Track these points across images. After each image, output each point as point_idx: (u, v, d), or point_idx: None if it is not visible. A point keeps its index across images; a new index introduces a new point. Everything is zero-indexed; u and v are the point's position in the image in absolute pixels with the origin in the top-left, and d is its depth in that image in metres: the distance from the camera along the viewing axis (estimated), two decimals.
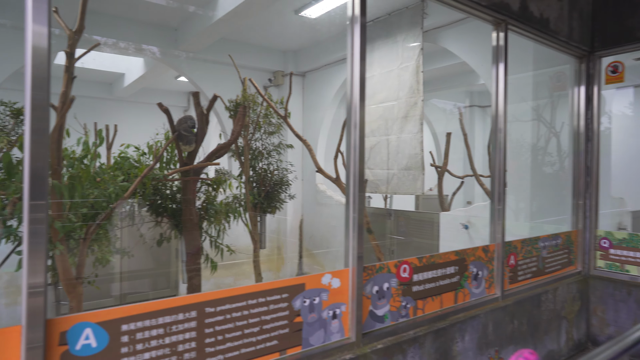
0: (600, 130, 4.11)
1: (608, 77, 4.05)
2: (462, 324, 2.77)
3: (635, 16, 3.83)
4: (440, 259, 2.75)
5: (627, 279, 3.72)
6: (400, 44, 5.38)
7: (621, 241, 3.81)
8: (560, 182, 4.36)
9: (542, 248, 3.55)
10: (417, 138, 5.22)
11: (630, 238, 3.76)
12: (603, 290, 3.82)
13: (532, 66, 4.86)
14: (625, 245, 3.77)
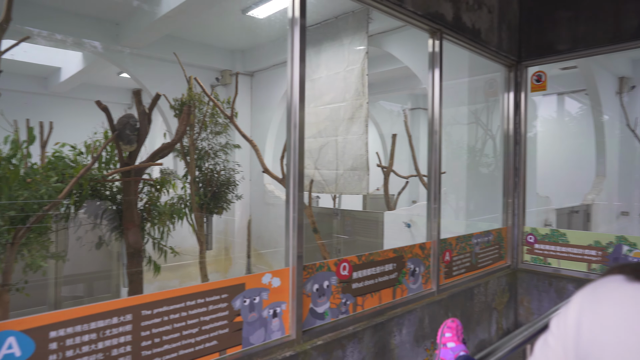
0: (527, 133, 4.44)
1: (533, 85, 4.38)
2: (399, 318, 2.91)
3: (555, 31, 4.17)
4: (379, 256, 2.86)
5: (549, 271, 4.05)
6: (346, 47, 5.50)
7: (544, 236, 4.13)
8: (495, 182, 4.65)
9: (475, 244, 3.78)
10: (362, 139, 5.36)
11: (552, 233, 4.10)
12: (529, 282, 4.13)
13: (468, 73, 5.15)
14: (548, 240, 4.10)
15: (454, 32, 3.55)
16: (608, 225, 6.68)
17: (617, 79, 7.27)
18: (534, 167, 4.95)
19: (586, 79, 6.79)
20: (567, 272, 3.96)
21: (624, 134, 6.92)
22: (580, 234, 3.97)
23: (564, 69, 7.29)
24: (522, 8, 4.41)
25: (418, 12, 3.19)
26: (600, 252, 3.80)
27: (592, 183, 6.90)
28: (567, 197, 6.71)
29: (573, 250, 3.94)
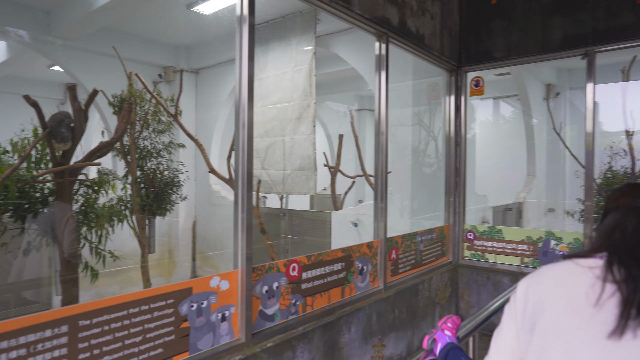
0: (467, 135, 4.67)
1: (472, 89, 4.62)
2: (348, 317, 2.95)
3: (491, 39, 4.42)
4: (328, 256, 2.88)
5: (487, 266, 4.28)
6: (294, 47, 5.49)
7: (483, 233, 4.37)
8: (437, 181, 4.85)
9: (419, 242, 3.92)
10: (310, 139, 5.38)
11: (489, 230, 4.34)
12: (469, 277, 4.35)
13: (413, 76, 5.33)
14: (486, 236, 4.33)
15: (399, 37, 3.66)
16: (538, 221, 7.18)
17: (544, 85, 7.84)
18: (473, 168, 5.22)
19: (518, 85, 7.26)
20: (502, 266, 4.21)
21: (551, 137, 7.47)
22: (514, 230, 4.24)
23: (498, 75, 7.74)
24: (461, 16, 4.63)
25: (365, 16, 3.24)
26: (532, 247, 4.08)
27: (523, 182, 7.40)
28: (502, 196, 7.13)
29: (508, 246, 4.19)
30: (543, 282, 0.89)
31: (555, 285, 0.86)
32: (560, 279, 0.87)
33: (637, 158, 5.20)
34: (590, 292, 0.81)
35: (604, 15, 3.86)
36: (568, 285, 0.85)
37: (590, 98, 3.96)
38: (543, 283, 0.89)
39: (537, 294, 0.88)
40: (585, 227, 3.86)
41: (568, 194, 7.40)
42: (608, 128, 6.40)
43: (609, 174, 5.34)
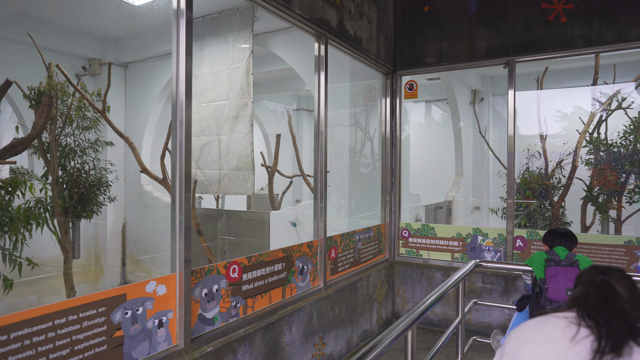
0: (401, 136, 4.85)
1: (406, 92, 4.81)
2: (289, 317, 2.94)
3: (424, 45, 4.64)
4: (268, 257, 2.86)
5: (421, 262, 4.48)
6: (231, 44, 5.37)
7: (417, 231, 4.56)
8: (373, 181, 4.98)
9: (358, 241, 4.01)
10: (247, 139, 5.29)
11: (423, 228, 4.54)
12: (404, 273, 4.53)
13: (350, 77, 5.43)
14: (420, 234, 4.53)
15: (338, 38, 3.72)
16: (465, 218, 7.64)
17: (470, 91, 8.36)
18: (407, 168, 5.43)
19: (447, 90, 7.67)
20: (435, 262, 4.43)
21: (476, 139, 7.99)
22: (446, 228, 4.48)
23: (429, 79, 8.13)
24: (397, 22, 4.81)
25: (305, 16, 3.26)
26: (461, 243, 4.34)
27: (452, 182, 7.84)
28: (433, 195, 7.50)
29: (440, 242, 4.42)
30: (530, 341, 1.07)
31: (538, 337, 1.06)
32: (542, 329, 1.07)
33: (549, 160, 5.71)
34: (567, 331, 1.02)
35: (522, 29, 4.20)
36: (547, 328, 1.06)
37: (511, 104, 4.29)
38: (530, 342, 1.07)
39: (524, 354, 1.05)
40: (508, 223, 4.18)
41: (492, 192, 7.96)
42: (525, 132, 6.97)
43: (526, 174, 5.81)
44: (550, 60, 5.78)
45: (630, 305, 1.07)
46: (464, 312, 2.90)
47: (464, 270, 2.87)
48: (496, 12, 4.32)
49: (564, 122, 6.82)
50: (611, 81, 5.77)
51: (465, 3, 4.45)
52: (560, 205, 5.43)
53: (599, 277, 1.15)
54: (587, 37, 3.93)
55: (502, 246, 4.15)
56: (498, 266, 3.27)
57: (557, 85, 6.81)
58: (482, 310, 4.09)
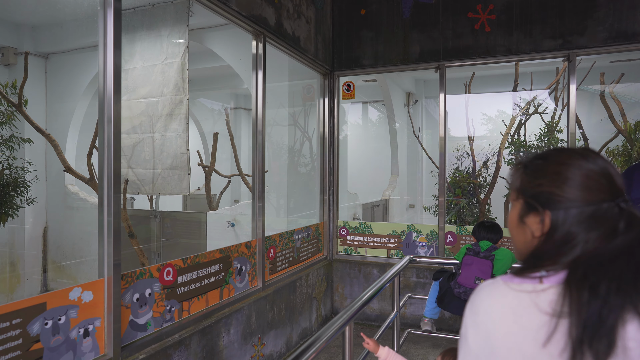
0: (339, 136, 4.93)
1: (344, 93, 4.90)
2: (227, 319, 2.88)
3: (360, 48, 4.75)
4: (205, 258, 2.78)
5: (358, 259, 4.59)
6: (165, 38, 5.16)
7: (354, 229, 4.66)
8: (312, 180, 5.02)
9: (296, 240, 4.02)
10: (182, 137, 5.11)
11: (360, 226, 4.65)
12: (342, 271, 4.61)
13: (289, 77, 5.43)
14: (357, 231, 4.64)
15: (276, 37, 3.70)
16: (401, 216, 7.93)
17: (405, 93, 8.69)
18: (345, 167, 5.53)
19: (383, 92, 7.92)
20: (372, 259, 4.55)
21: (410, 140, 8.32)
22: (382, 225, 4.62)
23: (366, 81, 8.34)
24: (334, 23, 4.88)
25: (242, 13, 3.21)
26: (397, 239, 4.50)
27: (388, 181, 8.10)
28: (370, 193, 7.71)
29: (377, 240, 4.55)
30: (488, 326, 0.77)
31: (499, 328, 0.76)
32: (505, 321, 0.75)
33: (477, 160, 6.09)
34: (540, 333, 0.72)
35: (452, 36, 4.44)
36: (513, 329, 0.75)
37: (442, 106, 4.52)
38: (489, 327, 0.77)
39: (482, 342, 0.78)
40: (439, 220, 4.39)
41: (425, 191, 8.33)
42: (455, 133, 7.37)
43: (456, 174, 6.15)
44: (477, 67, 6.18)
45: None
46: (399, 306, 3.01)
47: (398, 266, 2.98)
48: (428, 18, 4.53)
49: (489, 125, 7.30)
50: (529, 88, 6.27)
51: (400, 8, 4.62)
52: (486, 202, 5.81)
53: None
54: (508, 47, 4.24)
55: (435, 242, 4.37)
56: (430, 261, 3.43)
57: (483, 90, 7.27)
58: (416, 303, 4.27)
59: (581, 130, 5.50)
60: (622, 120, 5.37)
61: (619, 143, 5.60)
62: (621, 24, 3.87)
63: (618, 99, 5.50)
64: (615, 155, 5.37)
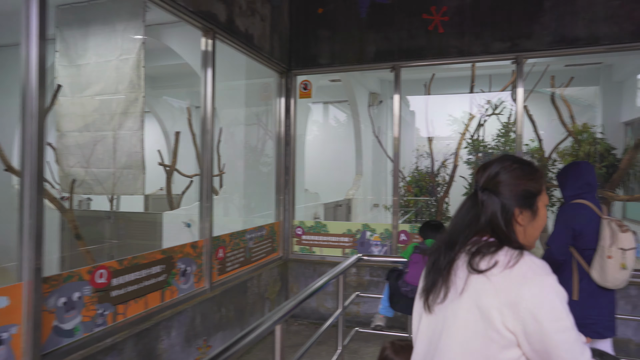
0: (297, 136, 4.90)
1: (301, 92, 4.88)
2: (168, 321, 2.81)
3: (318, 47, 4.74)
4: (144, 259, 2.71)
5: (314, 259, 4.58)
6: (119, 33, 5.00)
7: (310, 228, 4.65)
8: (272, 180, 4.97)
9: (249, 240, 3.97)
10: (137, 135, 4.98)
11: (316, 225, 4.64)
12: (297, 270, 4.58)
13: (247, 75, 5.36)
14: (313, 231, 4.63)
15: (227, 34, 3.64)
16: (364, 215, 7.98)
17: (370, 93, 8.75)
18: (302, 166, 5.51)
19: (347, 92, 7.94)
20: (327, 258, 4.54)
21: (375, 140, 8.38)
22: (337, 224, 4.62)
23: (332, 80, 8.35)
24: (292, 22, 4.85)
25: (189, 9, 3.15)
26: (351, 239, 4.51)
27: (352, 180, 8.13)
28: (334, 193, 7.72)
29: (332, 239, 4.55)
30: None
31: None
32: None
33: (435, 159, 6.18)
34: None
35: (407, 36, 4.48)
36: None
37: (396, 107, 4.55)
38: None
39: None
40: (393, 218, 4.43)
41: (388, 190, 8.40)
42: (417, 134, 7.48)
43: (415, 173, 6.23)
44: (437, 68, 6.27)
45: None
46: (343, 304, 3.01)
47: (343, 265, 2.98)
48: (384, 18, 4.55)
49: (448, 125, 7.43)
50: (487, 90, 6.41)
51: (357, 8, 4.63)
52: (443, 201, 5.90)
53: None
54: (460, 48, 4.31)
55: (388, 240, 4.40)
56: (379, 259, 3.45)
57: (444, 92, 7.39)
58: (370, 302, 4.29)
59: (543, 131, 5.65)
60: (572, 122, 5.56)
61: (569, 144, 5.79)
62: (564, 29, 3.99)
63: (568, 102, 5.68)
64: (564, 155, 5.55)
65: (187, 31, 5.60)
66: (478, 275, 1.02)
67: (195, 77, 8.28)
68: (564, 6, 4.00)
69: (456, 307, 1.04)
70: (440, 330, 1.07)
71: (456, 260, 1.09)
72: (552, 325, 0.94)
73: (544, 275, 0.98)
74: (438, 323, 1.09)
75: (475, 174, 1.17)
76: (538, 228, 1.14)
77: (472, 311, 1.00)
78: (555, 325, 0.95)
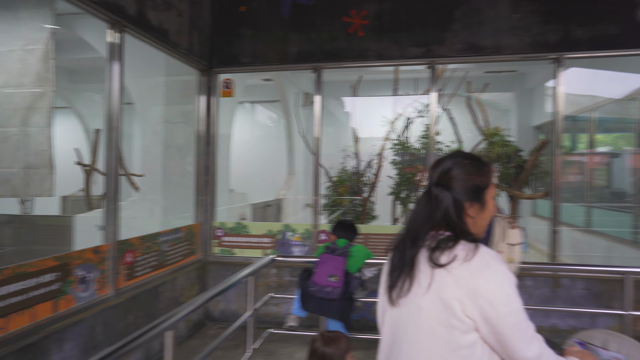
0: (219, 135, 4.79)
1: (223, 91, 4.78)
2: (61, 333, 2.63)
3: (240, 45, 4.67)
4: (32, 267, 2.51)
5: (234, 260, 4.50)
6: (24, 21, 4.62)
7: (231, 229, 4.57)
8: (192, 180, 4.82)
9: (163, 242, 3.82)
10: (44, 133, 4.63)
11: (237, 226, 4.57)
12: (217, 273, 4.48)
13: (168, 71, 5.16)
14: (234, 232, 4.55)
15: (137, 28, 3.48)
16: (295, 216, 7.97)
17: (303, 94, 8.76)
18: (228, 167, 5.41)
19: (279, 91, 7.90)
20: (248, 260, 4.48)
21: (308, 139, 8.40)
22: (258, 225, 4.58)
23: (265, 79, 8.27)
24: (214, 19, 4.73)
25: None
26: (272, 239, 4.48)
27: (284, 180, 8.11)
28: (264, 193, 7.65)
29: (253, 240, 4.50)
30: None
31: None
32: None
33: (361, 160, 6.32)
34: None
35: (328, 38, 4.52)
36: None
37: (317, 107, 4.59)
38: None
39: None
40: (314, 218, 4.46)
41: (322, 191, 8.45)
42: (344, 134, 7.59)
43: (342, 173, 6.33)
44: (369, 70, 6.41)
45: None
46: (254, 306, 2.98)
47: (254, 267, 2.95)
48: (306, 19, 4.57)
49: (379, 127, 7.61)
50: (412, 93, 6.64)
51: (280, 7, 4.61)
52: (368, 200, 6.05)
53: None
54: (379, 52, 4.42)
55: (309, 240, 4.42)
56: (294, 260, 3.45)
57: (376, 94, 7.58)
58: (289, 302, 4.28)
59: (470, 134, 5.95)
60: (486, 126, 5.90)
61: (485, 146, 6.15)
62: (473, 38, 4.22)
63: (483, 106, 6.03)
64: None
65: (100, 22, 5.31)
66: (439, 269, 1.12)
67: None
68: (472, 17, 4.23)
69: (420, 299, 1.14)
70: (406, 321, 1.17)
71: (418, 255, 1.18)
72: (505, 308, 1.07)
73: (497, 265, 1.11)
74: (403, 314, 1.18)
75: (429, 170, 1.26)
76: (486, 218, 1.24)
77: (435, 302, 1.11)
78: (508, 308, 1.08)
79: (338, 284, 2.86)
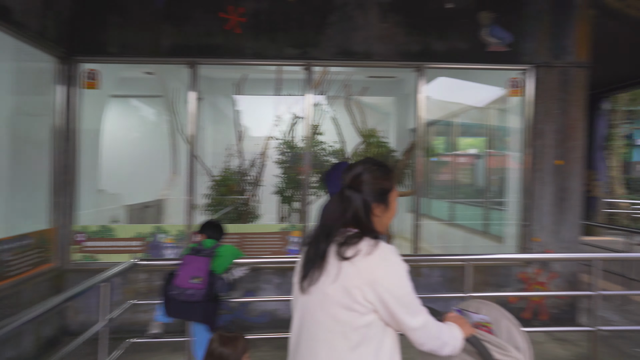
0: (82, 130, 4.36)
1: (87, 82, 4.36)
2: None
3: (107, 33, 4.30)
4: None
5: (98, 267, 4.11)
6: None
7: (95, 233, 4.20)
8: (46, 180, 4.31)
9: (2, 252, 3.35)
10: None
11: (101, 230, 4.21)
12: (77, 281, 4.04)
13: (19, 57, 4.56)
14: (98, 236, 4.18)
15: None
16: (178, 216, 7.60)
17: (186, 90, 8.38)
18: (96, 165, 4.96)
19: (162, 86, 7.47)
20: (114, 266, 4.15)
21: (196, 137, 8.06)
22: (126, 228, 4.27)
23: (147, 73, 7.74)
24: (75, 2, 4.29)
25: None
26: (143, 242, 4.21)
27: (167, 180, 7.69)
28: (145, 194, 7.17)
29: (120, 244, 4.18)
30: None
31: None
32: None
33: (245, 159, 6.25)
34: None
35: (205, 33, 4.39)
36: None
37: (192, 104, 4.43)
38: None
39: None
40: (186, 219, 4.30)
41: (203, 190, 8.18)
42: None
43: (225, 172, 6.20)
44: (250, 69, 6.34)
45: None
46: (107, 315, 2.76)
47: (110, 272, 2.74)
48: (182, 12, 4.37)
49: (261, 126, 7.61)
50: (296, 93, 6.75)
51: None
52: (249, 199, 6.01)
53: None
54: (256, 50, 4.41)
55: (183, 242, 4.24)
56: (158, 263, 3.27)
57: (257, 93, 7.55)
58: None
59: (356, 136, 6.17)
60: (364, 127, 6.24)
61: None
62: (345, 43, 4.43)
63: (362, 108, 6.36)
64: (357, 156, 6.21)
65: None
66: (345, 262, 1.30)
67: None
68: (346, 23, 4.43)
69: (328, 287, 1.31)
70: (314, 306, 1.34)
71: (329, 249, 1.34)
72: (399, 292, 1.29)
73: (393, 257, 1.32)
74: (312, 300, 1.35)
75: (342, 174, 1.42)
76: (390, 217, 1.44)
77: (339, 290, 1.29)
78: (401, 292, 1.30)
79: (201, 286, 2.77)
